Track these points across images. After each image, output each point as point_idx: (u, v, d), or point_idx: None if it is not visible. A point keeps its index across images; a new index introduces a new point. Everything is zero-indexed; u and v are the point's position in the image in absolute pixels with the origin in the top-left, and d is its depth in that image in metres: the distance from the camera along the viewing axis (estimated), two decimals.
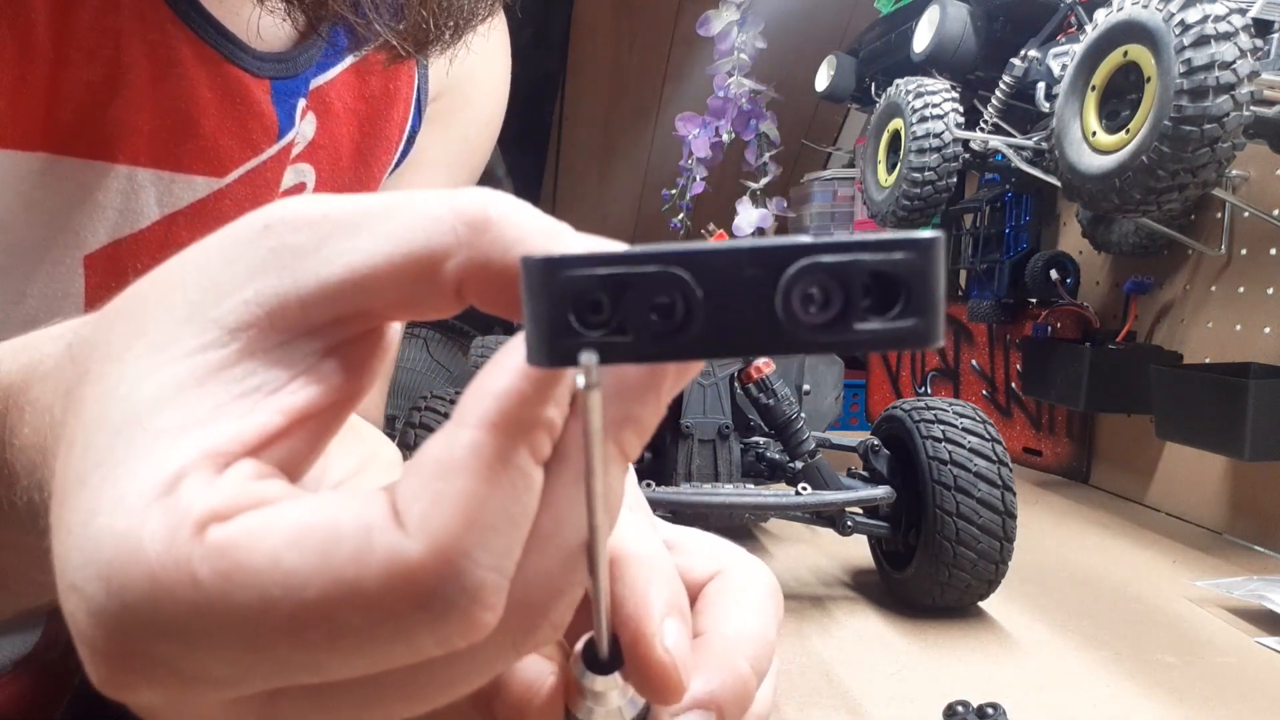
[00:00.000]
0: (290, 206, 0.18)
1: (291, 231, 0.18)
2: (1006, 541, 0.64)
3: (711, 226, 1.11)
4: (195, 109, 0.40)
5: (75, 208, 0.37)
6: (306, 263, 0.17)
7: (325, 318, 0.18)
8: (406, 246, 0.17)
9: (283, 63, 0.43)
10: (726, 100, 1.48)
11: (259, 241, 0.18)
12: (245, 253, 0.18)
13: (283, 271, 0.17)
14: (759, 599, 0.23)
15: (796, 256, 0.15)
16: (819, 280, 0.15)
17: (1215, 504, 0.92)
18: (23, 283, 0.37)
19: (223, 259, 0.18)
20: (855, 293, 0.15)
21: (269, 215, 0.18)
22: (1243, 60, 0.62)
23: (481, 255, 0.17)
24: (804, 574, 0.77)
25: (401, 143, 0.52)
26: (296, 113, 0.45)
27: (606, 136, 1.88)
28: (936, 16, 0.96)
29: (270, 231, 0.18)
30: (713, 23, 1.45)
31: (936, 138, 0.90)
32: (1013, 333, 1.19)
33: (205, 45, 0.40)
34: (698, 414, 0.65)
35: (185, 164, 0.40)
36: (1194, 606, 0.71)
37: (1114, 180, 0.70)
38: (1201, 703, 0.55)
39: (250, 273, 0.17)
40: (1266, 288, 0.88)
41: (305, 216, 0.18)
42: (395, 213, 0.17)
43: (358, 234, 0.17)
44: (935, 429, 0.66)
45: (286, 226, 0.18)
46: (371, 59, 0.48)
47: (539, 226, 0.18)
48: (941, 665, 0.59)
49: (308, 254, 0.17)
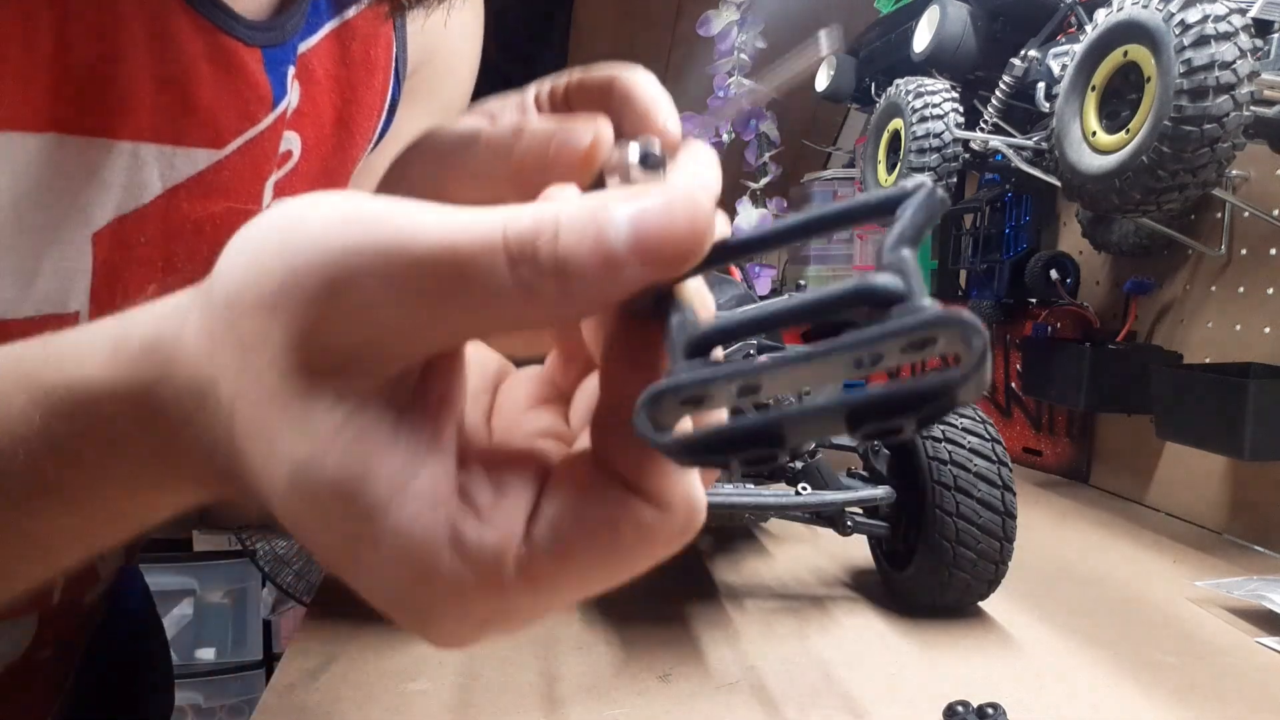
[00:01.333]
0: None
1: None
2: (1006, 541, 0.64)
3: None
4: (193, 81, 0.40)
5: (83, 186, 0.38)
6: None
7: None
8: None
9: (271, 30, 0.43)
10: (726, 100, 1.48)
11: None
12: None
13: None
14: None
15: (864, 417, 0.17)
16: (882, 418, 0.17)
17: (1215, 504, 0.92)
18: (34, 262, 0.37)
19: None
20: (910, 412, 0.17)
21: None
22: (1243, 60, 0.62)
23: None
24: (804, 574, 0.77)
25: (383, 113, 0.52)
26: (288, 80, 0.44)
27: None
28: (936, 16, 0.96)
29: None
30: (713, 23, 1.45)
31: (936, 138, 0.90)
32: (1013, 333, 1.19)
33: (200, 16, 0.40)
34: None
35: (186, 137, 0.40)
36: (1194, 606, 0.71)
37: (1114, 180, 0.70)
38: (1201, 703, 0.55)
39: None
40: (1266, 288, 0.88)
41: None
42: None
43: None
44: (935, 429, 0.66)
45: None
46: (351, 24, 0.48)
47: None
48: (941, 665, 0.59)
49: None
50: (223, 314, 0.20)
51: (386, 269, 0.18)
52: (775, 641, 0.63)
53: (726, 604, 0.70)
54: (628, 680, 0.56)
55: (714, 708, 0.53)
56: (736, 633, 0.64)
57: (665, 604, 0.69)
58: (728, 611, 0.68)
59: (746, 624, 0.66)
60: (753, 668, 0.58)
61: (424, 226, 0.18)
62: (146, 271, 0.41)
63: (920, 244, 0.18)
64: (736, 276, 1.02)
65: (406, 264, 0.18)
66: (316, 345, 0.19)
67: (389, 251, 0.18)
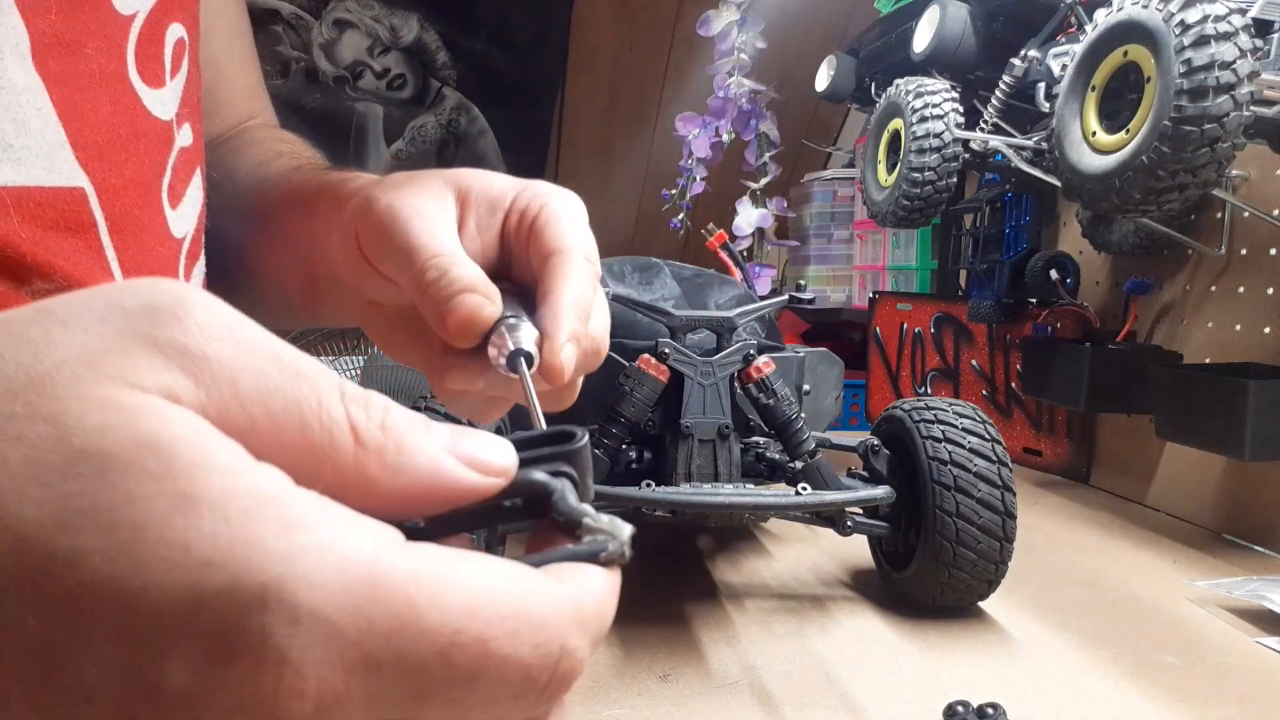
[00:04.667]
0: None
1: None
2: (1006, 542, 0.64)
3: (711, 226, 1.11)
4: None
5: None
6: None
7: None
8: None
9: None
10: (726, 100, 1.48)
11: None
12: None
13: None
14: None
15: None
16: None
17: (1215, 504, 0.92)
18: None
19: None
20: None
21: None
22: (1243, 60, 0.62)
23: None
24: (804, 574, 0.77)
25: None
26: None
27: (606, 136, 1.88)
28: (936, 16, 0.96)
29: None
30: (713, 23, 1.45)
31: (936, 138, 0.90)
32: (1013, 333, 1.19)
33: None
34: (697, 414, 0.65)
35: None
36: (1194, 606, 0.71)
37: (1114, 180, 0.70)
38: (1201, 703, 0.55)
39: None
40: (1266, 288, 0.88)
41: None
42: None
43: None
44: (935, 429, 0.66)
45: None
46: None
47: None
48: (941, 665, 0.59)
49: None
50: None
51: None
52: (775, 641, 0.63)
53: (726, 604, 0.70)
54: (628, 680, 0.56)
55: (714, 708, 0.53)
56: (736, 633, 0.64)
57: (665, 604, 0.69)
58: (728, 611, 0.68)
59: (746, 624, 0.66)
60: (753, 668, 0.58)
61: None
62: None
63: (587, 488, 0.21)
64: (736, 277, 1.02)
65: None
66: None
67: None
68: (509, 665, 0.17)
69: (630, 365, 0.65)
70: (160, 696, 0.14)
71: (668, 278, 0.84)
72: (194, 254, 0.41)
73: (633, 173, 1.90)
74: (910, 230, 1.44)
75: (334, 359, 1.35)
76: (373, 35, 1.75)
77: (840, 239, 1.60)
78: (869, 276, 1.56)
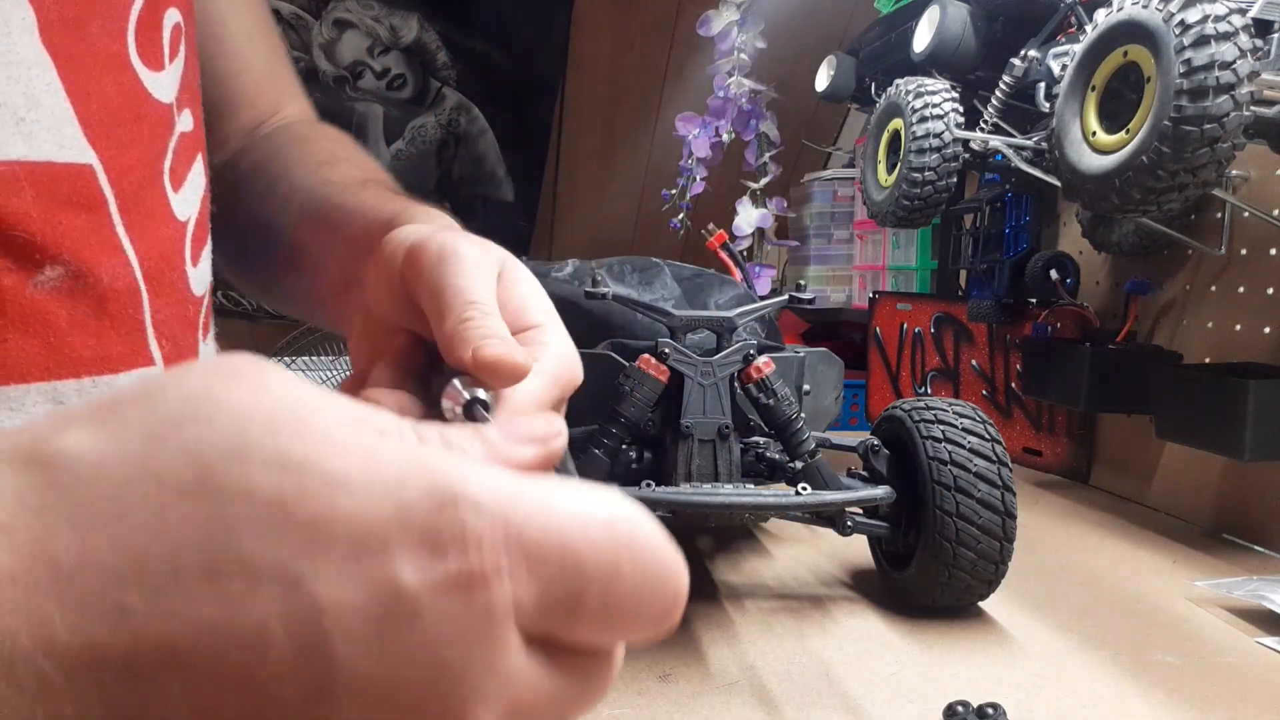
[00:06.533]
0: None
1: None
2: (1006, 542, 0.64)
3: (711, 226, 1.11)
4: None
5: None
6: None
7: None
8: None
9: None
10: (726, 100, 1.48)
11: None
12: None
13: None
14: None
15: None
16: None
17: (1215, 504, 0.92)
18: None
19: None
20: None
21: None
22: (1243, 60, 0.62)
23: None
24: (804, 574, 0.77)
25: None
26: None
27: (606, 136, 1.88)
28: (936, 16, 0.96)
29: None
30: (713, 23, 1.45)
31: (936, 138, 0.90)
32: (1013, 333, 1.19)
33: None
34: (698, 414, 0.65)
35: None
36: (1194, 606, 0.71)
37: (1114, 180, 0.70)
38: (1201, 703, 0.55)
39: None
40: (1266, 288, 0.88)
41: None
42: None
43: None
44: (935, 429, 0.66)
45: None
46: None
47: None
48: (941, 665, 0.60)
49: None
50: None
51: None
52: (775, 641, 0.63)
53: (726, 604, 0.70)
54: (628, 680, 0.56)
55: (714, 708, 0.53)
56: (736, 633, 0.64)
57: None
58: (728, 611, 0.68)
59: (746, 624, 0.66)
60: (753, 668, 0.58)
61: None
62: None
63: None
64: (736, 277, 1.02)
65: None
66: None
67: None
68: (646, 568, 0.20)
69: (630, 365, 0.65)
70: (403, 600, 0.17)
71: (668, 278, 0.84)
72: (200, 238, 0.41)
73: (633, 173, 1.90)
74: (910, 230, 1.45)
75: (334, 359, 1.36)
76: (373, 35, 1.75)
77: (840, 239, 1.60)
78: (869, 276, 1.56)
